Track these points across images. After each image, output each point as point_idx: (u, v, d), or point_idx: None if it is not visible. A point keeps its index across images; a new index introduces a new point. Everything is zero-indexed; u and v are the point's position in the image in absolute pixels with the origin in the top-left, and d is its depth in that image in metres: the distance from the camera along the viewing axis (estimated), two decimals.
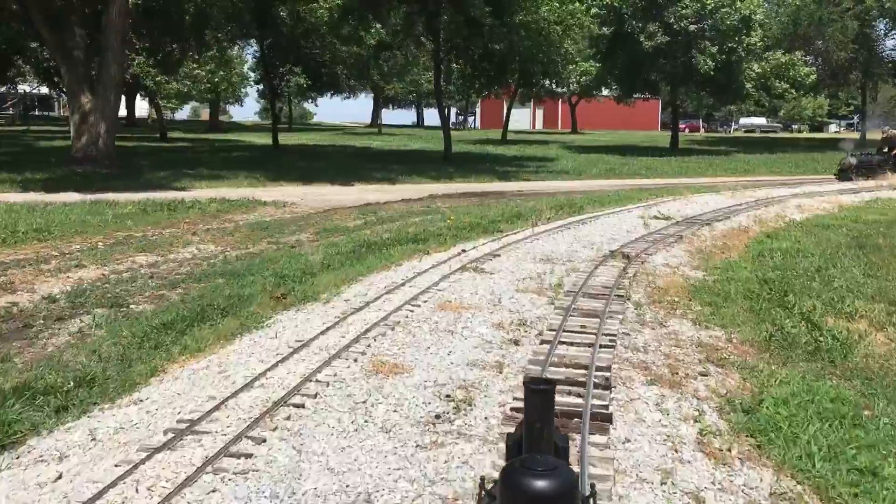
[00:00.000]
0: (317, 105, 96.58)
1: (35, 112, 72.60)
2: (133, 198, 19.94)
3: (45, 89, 63.34)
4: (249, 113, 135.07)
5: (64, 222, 15.90)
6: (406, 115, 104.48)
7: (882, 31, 55.85)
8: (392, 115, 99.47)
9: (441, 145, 37.15)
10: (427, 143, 47.86)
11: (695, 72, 42.83)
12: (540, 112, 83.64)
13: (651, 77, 46.21)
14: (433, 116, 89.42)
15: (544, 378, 4.37)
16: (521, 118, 76.91)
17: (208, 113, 72.37)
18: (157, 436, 4.89)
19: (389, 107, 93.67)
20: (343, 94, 74.48)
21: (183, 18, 32.15)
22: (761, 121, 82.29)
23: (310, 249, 13.05)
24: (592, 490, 2.17)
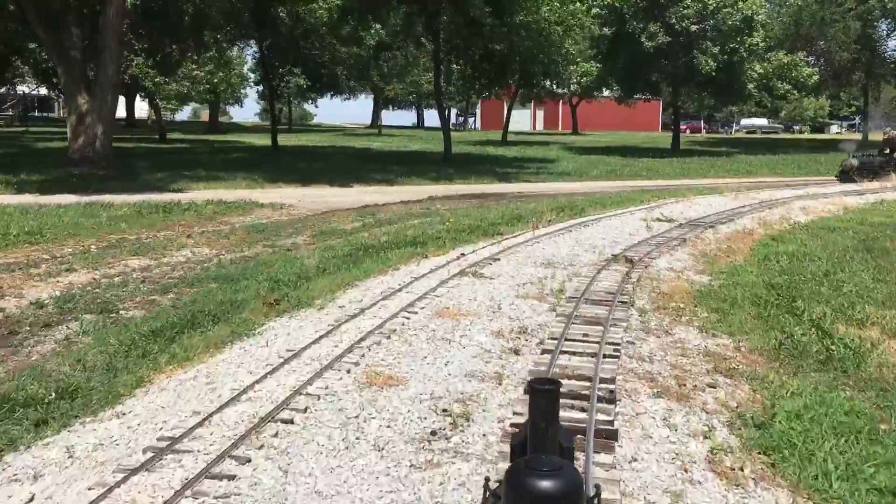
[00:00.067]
0: (317, 106, 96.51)
1: (35, 113, 72.40)
2: (129, 200, 19.71)
3: (44, 90, 63.13)
4: (249, 114, 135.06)
5: (57, 225, 15.66)
6: (406, 116, 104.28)
7: (884, 32, 55.62)
8: (392, 116, 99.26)
9: (441, 146, 36.89)
10: (427, 145, 47.60)
11: (696, 72, 42.50)
12: (540, 113, 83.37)
13: (652, 78, 45.87)
14: (433, 117, 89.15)
15: (549, 378, 4.24)
16: (522, 119, 76.64)
17: (208, 114, 72.14)
18: (136, 455, 4.63)
19: (389, 108, 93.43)
20: (343, 96, 74.31)
21: (182, 19, 31.91)
22: (762, 122, 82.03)
23: (306, 253, 12.79)
24: (597, 491, 2.19)
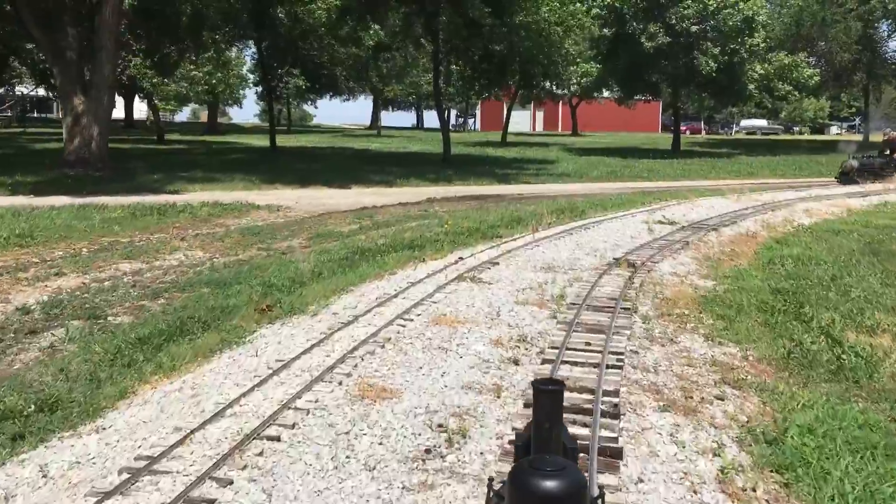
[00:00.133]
0: (316, 107, 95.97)
1: (34, 114, 72.10)
2: (123, 201, 19.47)
3: (42, 91, 62.85)
4: (249, 115, 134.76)
5: (49, 227, 15.40)
6: (406, 118, 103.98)
7: (885, 33, 55.39)
8: (392, 117, 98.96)
9: (440, 147, 36.62)
10: (426, 146, 47.33)
11: (697, 73, 42.23)
12: (540, 114, 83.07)
13: (652, 78, 45.58)
14: (433, 118, 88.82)
15: (553, 378, 4.12)
16: (522, 120, 76.36)
17: (207, 115, 71.87)
18: (111, 476, 4.36)
19: (389, 109, 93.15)
20: (342, 97, 73.97)
21: (180, 19, 31.65)
22: (762, 123, 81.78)
23: (301, 256, 12.53)
24: (601, 492, 2.20)
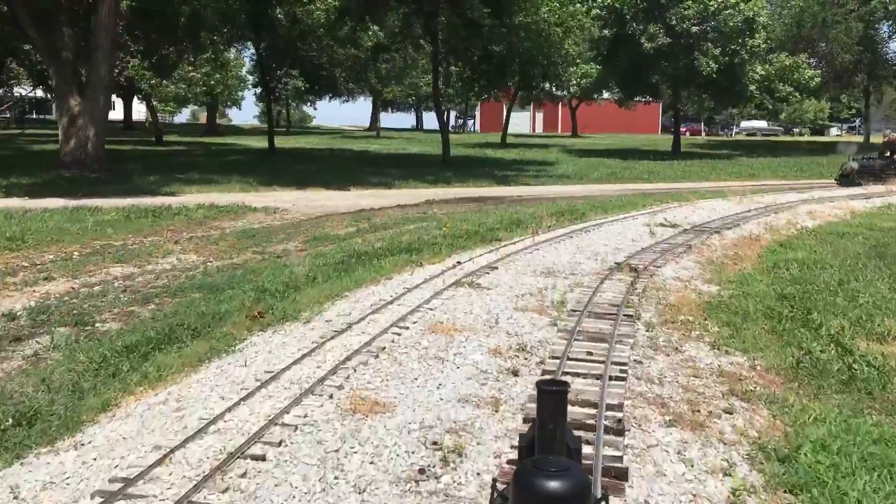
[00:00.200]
0: (315, 108, 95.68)
1: (32, 115, 71.85)
2: (118, 203, 19.24)
3: (40, 92, 62.60)
4: (248, 116, 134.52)
5: (41, 230, 15.16)
6: (405, 119, 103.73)
7: (886, 34, 55.18)
8: (391, 119, 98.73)
9: (440, 149, 36.39)
10: (426, 147, 47.11)
11: (697, 74, 42.00)
12: (540, 115, 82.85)
13: (652, 80, 45.35)
14: (433, 120, 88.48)
15: (556, 379, 4.04)
16: (521, 121, 76.15)
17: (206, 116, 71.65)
18: (84, 500, 4.10)
19: (388, 110, 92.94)
20: (341, 98, 73.71)
21: (178, 20, 31.42)
22: (762, 124, 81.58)
23: (296, 260, 12.28)
24: (605, 493, 2.25)
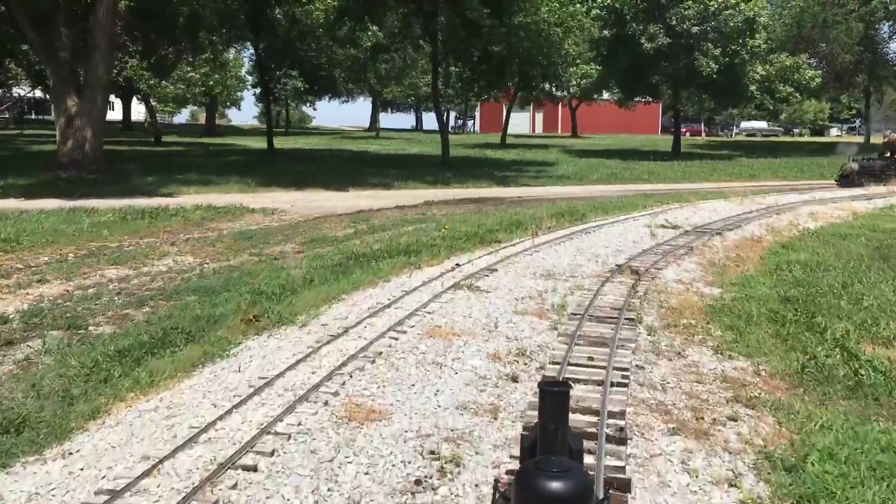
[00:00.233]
0: (315, 109, 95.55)
1: (32, 116, 71.69)
2: (115, 205, 19.11)
3: (39, 93, 62.43)
4: (248, 117, 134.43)
5: (36, 231, 15.03)
6: (405, 119, 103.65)
7: (887, 34, 55.07)
8: (391, 119, 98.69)
9: (439, 149, 36.26)
10: (425, 148, 46.99)
11: (697, 74, 41.87)
12: (539, 116, 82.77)
13: (652, 80, 45.21)
14: (432, 120, 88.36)
15: (559, 380, 4.10)
16: (521, 122, 76.06)
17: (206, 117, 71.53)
18: None
19: (388, 111, 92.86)
20: (341, 98, 73.60)
21: (176, 21, 31.29)
22: (762, 124, 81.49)
23: (293, 262, 12.15)
24: (607, 494, 2.25)
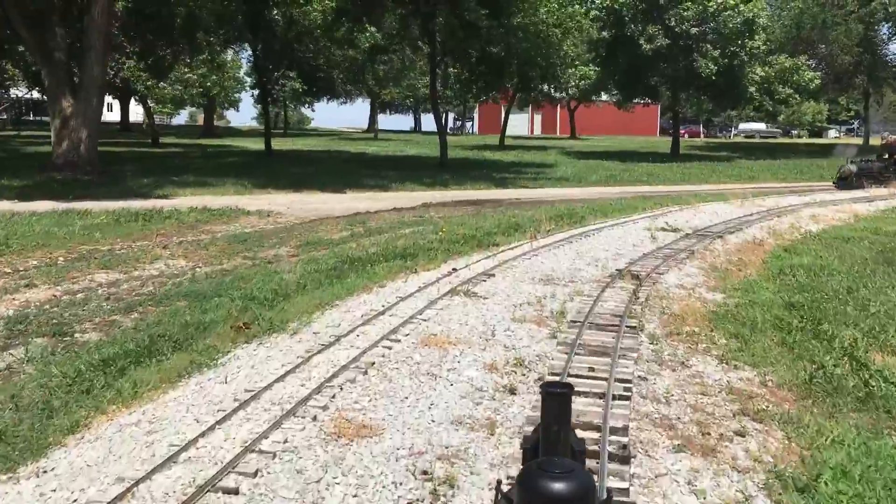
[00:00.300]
0: (313, 110, 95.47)
1: (30, 117, 71.41)
2: (109, 207, 18.86)
3: (37, 94, 62.16)
4: (247, 118, 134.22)
5: (27, 234, 14.79)
6: (403, 121, 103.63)
7: (886, 35, 54.89)
8: (389, 121, 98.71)
9: (438, 151, 36.05)
10: (423, 149, 46.77)
11: (696, 76, 41.69)
12: (538, 117, 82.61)
13: (651, 81, 45.01)
14: (431, 122, 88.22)
15: (561, 381, 3.75)
16: (520, 123, 75.88)
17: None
18: None
19: (387, 112, 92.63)
20: (339, 100, 73.38)
21: (174, 21, 31.06)
22: (761, 126, 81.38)
23: (287, 266, 11.91)
24: (609, 495, 2.18)
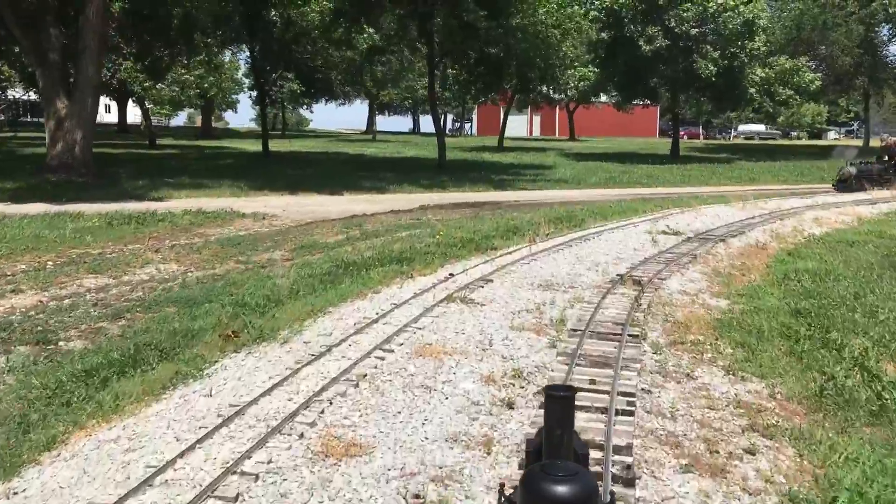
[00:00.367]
0: (312, 111, 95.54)
1: (27, 118, 71.10)
2: (102, 209, 18.59)
3: (34, 95, 61.87)
4: (245, 119, 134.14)
5: (16, 238, 14.51)
6: (402, 122, 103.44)
7: (886, 36, 54.71)
8: (388, 122, 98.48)
9: (436, 152, 35.80)
10: (422, 151, 46.51)
11: (696, 77, 41.46)
12: (537, 119, 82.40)
13: (651, 83, 44.77)
14: (430, 123, 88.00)
15: (564, 385, 3.96)
16: (519, 125, 75.66)
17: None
18: None
19: (385, 113, 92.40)
20: (337, 101, 73.13)
21: (170, 22, 30.80)
22: (760, 127, 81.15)
23: (280, 271, 11.65)
24: (612, 497, 2.28)
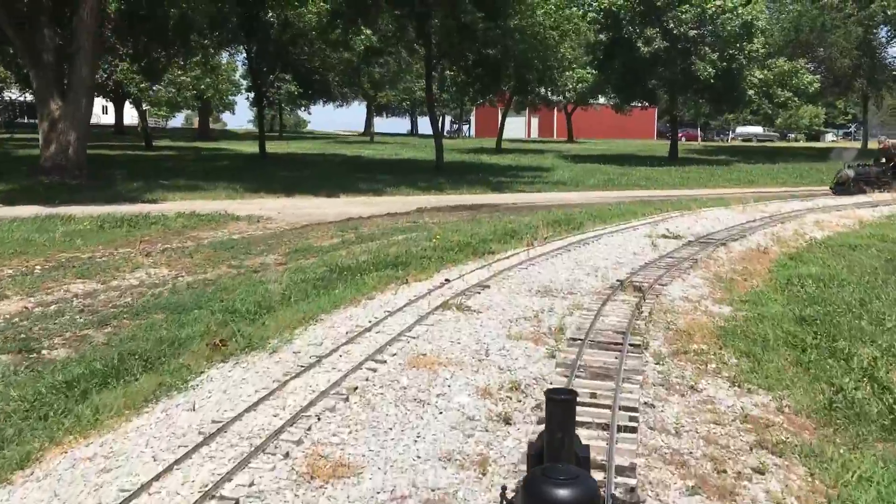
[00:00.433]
0: (309, 113, 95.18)
1: (24, 120, 70.74)
2: (94, 212, 18.35)
3: (30, 96, 61.51)
4: (243, 121, 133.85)
5: (5, 241, 14.28)
6: (400, 124, 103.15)
7: (885, 38, 54.58)
8: (386, 124, 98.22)
9: (434, 154, 35.58)
10: (419, 153, 46.28)
11: (694, 79, 41.28)
12: (535, 121, 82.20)
13: (649, 84, 44.57)
14: (427, 125, 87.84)
15: (566, 388, 3.89)
16: (517, 127, 75.46)
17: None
18: None
19: (383, 115, 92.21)
20: (335, 102, 72.91)
21: (167, 23, 30.55)
22: (758, 130, 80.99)
23: (273, 276, 11.40)
24: (614, 500, 2.42)
